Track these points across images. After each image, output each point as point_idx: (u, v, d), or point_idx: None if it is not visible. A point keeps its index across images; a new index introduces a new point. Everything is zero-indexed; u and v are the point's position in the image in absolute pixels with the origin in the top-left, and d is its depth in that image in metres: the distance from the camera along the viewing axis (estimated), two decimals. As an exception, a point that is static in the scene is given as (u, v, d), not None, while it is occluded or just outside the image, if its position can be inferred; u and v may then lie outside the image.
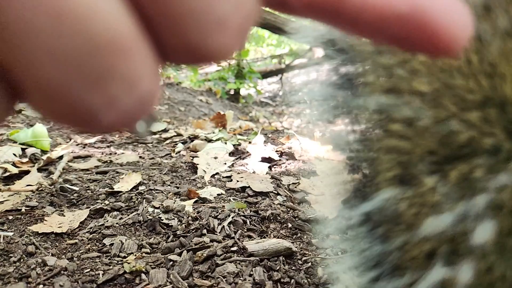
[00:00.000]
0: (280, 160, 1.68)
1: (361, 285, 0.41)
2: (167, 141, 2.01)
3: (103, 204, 1.11)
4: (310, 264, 0.90)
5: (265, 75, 6.62)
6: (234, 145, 1.85)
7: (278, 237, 1.02)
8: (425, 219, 0.35)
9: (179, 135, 2.13)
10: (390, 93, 0.37)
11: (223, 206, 1.14)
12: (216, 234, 0.99)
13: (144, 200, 1.16)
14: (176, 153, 1.77)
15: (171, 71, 5.33)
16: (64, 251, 0.87)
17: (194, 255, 0.88)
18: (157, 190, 1.26)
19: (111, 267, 0.82)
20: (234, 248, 0.92)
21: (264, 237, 1.00)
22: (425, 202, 0.35)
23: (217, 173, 1.49)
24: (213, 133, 2.07)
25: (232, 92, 5.72)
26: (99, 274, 0.79)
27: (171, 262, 0.85)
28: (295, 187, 1.40)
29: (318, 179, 1.45)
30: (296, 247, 0.98)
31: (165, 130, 2.28)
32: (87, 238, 0.93)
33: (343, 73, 0.43)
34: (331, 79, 0.44)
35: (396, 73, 0.37)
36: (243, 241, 0.96)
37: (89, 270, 0.80)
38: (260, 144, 1.79)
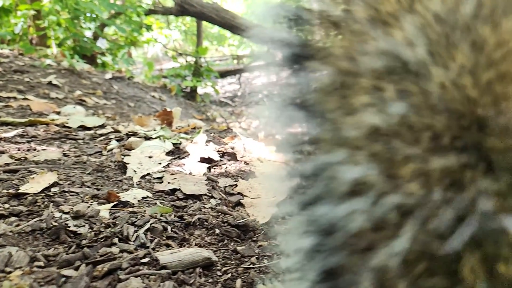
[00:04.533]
0: (221, 160, 1.58)
1: None
2: (101, 138, 1.85)
3: (0, 209, 0.96)
4: (230, 275, 0.81)
5: (223, 74, 6.51)
6: (174, 143, 1.73)
7: (201, 245, 0.92)
8: None
9: (116, 131, 1.97)
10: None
11: (145, 211, 1.03)
12: (129, 244, 0.87)
13: (52, 204, 1.02)
14: (108, 151, 1.62)
15: (123, 65, 5.08)
16: None
17: (94, 269, 0.75)
18: (72, 192, 1.12)
19: (-15, 285, 0.68)
20: (145, 260, 0.80)
21: (185, 246, 0.90)
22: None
23: (148, 174, 1.37)
24: (154, 130, 1.93)
25: (188, 90, 5.56)
26: (-34, 295, 0.65)
27: (64, 278, 0.72)
28: (232, 190, 1.31)
29: (256, 181, 1.37)
30: (219, 256, 0.88)
31: (102, 126, 2.11)
32: (-35, 250, 0.78)
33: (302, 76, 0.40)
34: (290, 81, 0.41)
35: None
36: (158, 250, 0.85)
37: (-47, 290, 0.65)
38: (201, 144, 1.68)
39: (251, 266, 0.87)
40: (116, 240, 0.87)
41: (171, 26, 7.66)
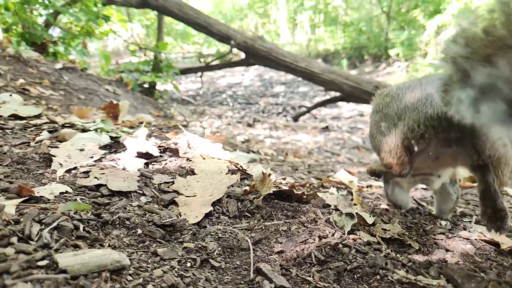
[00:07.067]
0: (161, 156, 1.49)
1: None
2: (33, 128, 1.69)
3: None
4: (141, 280, 0.73)
5: (185, 71, 6.36)
6: (113, 137, 1.61)
7: (115, 247, 0.83)
8: None
9: (52, 122, 1.82)
10: None
11: (58, 208, 0.92)
12: (30, 244, 0.77)
13: None
14: (36, 142, 1.48)
15: (78, 55, 4.81)
16: None
17: (-25, 273, 0.65)
18: (-23, 185, 0.99)
19: None
20: (43, 263, 0.71)
21: (96, 247, 0.81)
22: None
23: (75, 168, 1.25)
24: (94, 122, 1.80)
25: (147, 85, 5.36)
26: None
27: None
28: (167, 187, 1.23)
29: (195, 179, 1.29)
30: (134, 258, 0.80)
31: (37, 116, 1.94)
32: None
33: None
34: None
35: None
36: (62, 252, 0.76)
37: None
38: (141, 138, 1.58)
39: (170, 270, 0.79)
40: (15, 239, 0.77)
41: (133, 20, 7.39)
